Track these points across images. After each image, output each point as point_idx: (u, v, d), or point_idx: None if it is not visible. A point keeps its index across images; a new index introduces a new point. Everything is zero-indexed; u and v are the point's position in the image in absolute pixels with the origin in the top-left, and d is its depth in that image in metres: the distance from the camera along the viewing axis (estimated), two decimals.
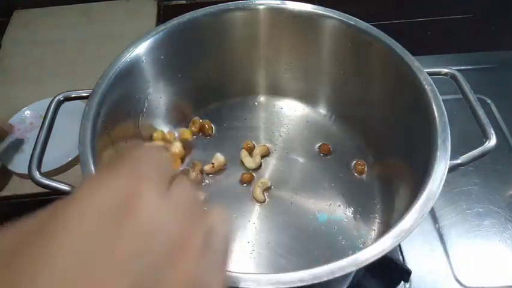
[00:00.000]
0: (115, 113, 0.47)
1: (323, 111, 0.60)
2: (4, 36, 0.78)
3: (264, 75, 0.60)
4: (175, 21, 0.52)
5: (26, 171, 0.40)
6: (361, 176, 0.53)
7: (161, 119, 0.56)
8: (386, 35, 0.49)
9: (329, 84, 0.58)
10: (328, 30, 0.53)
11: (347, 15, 0.51)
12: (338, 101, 0.58)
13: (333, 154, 0.56)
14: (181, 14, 0.52)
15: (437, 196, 0.36)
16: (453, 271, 0.49)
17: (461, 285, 0.48)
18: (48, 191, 0.39)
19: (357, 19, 0.51)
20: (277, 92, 0.61)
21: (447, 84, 0.46)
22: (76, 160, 0.59)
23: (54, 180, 0.39)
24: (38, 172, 0.39)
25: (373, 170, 0.54)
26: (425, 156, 0.40)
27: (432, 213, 0.53)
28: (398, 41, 0.48)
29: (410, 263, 0.49)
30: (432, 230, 0.52)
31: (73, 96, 0.46)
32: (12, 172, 0.59)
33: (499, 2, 0.82)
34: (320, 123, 0.59)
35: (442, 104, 0.42)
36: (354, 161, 0.54)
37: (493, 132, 0.41)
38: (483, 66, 0.70)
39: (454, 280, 0.48)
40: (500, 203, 0.54)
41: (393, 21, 0.80)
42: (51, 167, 0.57)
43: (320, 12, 0.52)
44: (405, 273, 0.46)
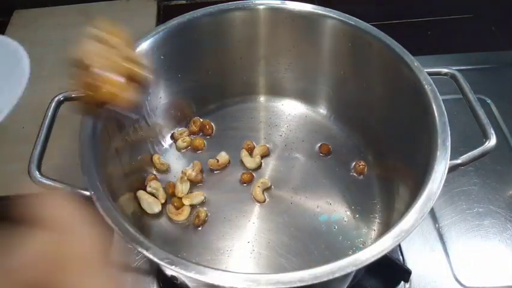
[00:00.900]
0: (115, 113, 0.47)
1: (323, 111, 0.60)
2: (4, 36, 0.78)
3: (264, 75, 0.60)
4: (175, 21, 0.52)
5: None
6: (361, 176, 0.53)
7: (162, 119, 0.56)
8: (386, 35, 0.49)
9: (329, 84, 0.58)
10: (328, 30, 0.53)
11: (347, 15, 0.51)
12: (338, 101, 0.58)
13: (333, 154, 0.56)
14: (181, 14, 0.52)
15: (437, 196, 0.36)
16: (453, 271, 0.49)
17: (461, 285, 0.48)
18: (48, 191, 0.39)
19: (357, 19, 0.51)
20: (277, 92, 0.61)
21: (447, 84, 0.46)
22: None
23: (55, 181, 0.39)
24: (38, 172, 0.39)
25: (373, 170, 0.54)
26: (425, 156, 0.40)
27: (432, 213, 0.53)
28: (398, 41, 0.48)
29: (410, 263, 0.49)
30: (432, 230, 0.52)
31: (73, 96, 0.46)
32: None
33: (499, 2, 0.82)
34: (320, 123, 0.59)
35: (442, 104, 0.43)
36: (354, 161, 0.54)
37: (493, 132, 0.41)
38: (483, 66, 0.70)
39: (454, 280, 0.48)
40: (500, 203, 0.54)
41: (393, 21, 0.80)
42: None
43: (320, 12, 0.52)
44: (405, 273, 0.46)
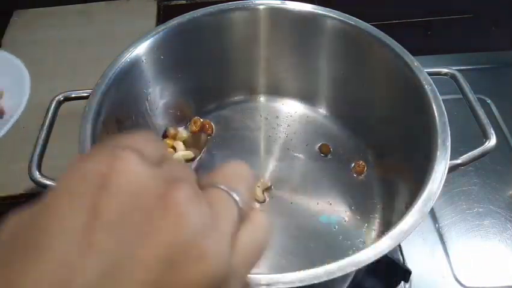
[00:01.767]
0: (115, 113, 0.47)
1: (323, 111, 0.60)
2: (4, 36, 0.78)
3: (264, 75, 0.60)
4: (175, 21, 0.52)
5: None
6: (361, 176, 0.53)
7: (162, 119, 0.56)
8: (386, 35, 0.49)
9: (329, 84, 0.58)
10: (328, 30, 0.53)
11: (347, 15, 0.51)
12: (338, 101, 0.58)
13: (333, 154, 0.56)
14: (181, 14, 0.52)
15: (437, 196, 0.36)
16: (453, 271, 0.49)
17: (461, 285, 0.48)
18: None
19: (357, 19, 0.51)
20: (277, 92, 0.61)
21: (447, 84, 0.46)
22: None
23: (55, 181, 0.39)
24: (38, 172, 0.39)
25: (373, 170, 0.54)
26: (425, 156, 0.40)
27: (432, 213, 0.53)
28: (398, 41, 0.48)
29: (410, 263, 0.49)
30: (432, 230, 0.52)
31: (73, 96, 0.46)
32: None
33: (499, 2, 0.82)
34: (320, 123, 0.59)
35: (442, 104, 0.43)
36: (355, 160, 0.54)
37: (493, 132, 0.41)
38: (483, 66, 0.70)
39: (454, 280, 0.48)
40: (500, 203, 0.54)
41: (393, 21, 0.80)
42: None
43: (320, 12, 0.52)
44: (405, 273, 0.46)
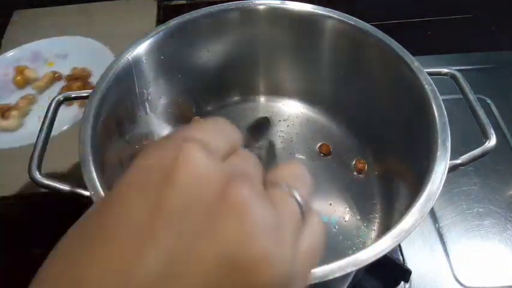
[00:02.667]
0: (115, 113, 0.47)
1: (323, 111, 0.60)
2: (4, 36, 0.78)
3: (264, 75, 0.60)
4: (175, 21, 0.52)
5: None
6: (361, 176, 0.53)
7: (162, 119, 0.56)
8: (386, 35, 0.49)
9: (329, 84, 0.58)
10: (328, 30, 0.53)
11: (347, 15, 0.51)
12: (338, 101, 0.58)
13: (333, 154, 0.56)
14: (181, 14, 0.52)
15: (437, 196, 0.36)
16: (453, 271, 0.49)
17: (461, 285, 0.48)
18: (48, 191, 0.39)
19: (357, 19, 0.51)
20: (277, 92, 0.61)
21: (447, 84, 0.46)
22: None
23: (55, 180, 0.39)
24: (38, 172, 0.39)
25: (373, 170, 0.54)
26: (425, 156, 0.40)
27: (432, 213, 0.53)
28: (398, 41, 0.48)
29: (410, 263, 0.49)
30: (432, 230, 0.52)
31: (73, 96, 0.46)
32: None
33: (499, 2, 0.82)
34: (320, 123, 0.59)
35: (442, 104, 0.42)
36: (355, 160, 0.54)
37: (493, 132, 0.41)
38: (483, 66, 0.70)
39: (454, 280, 0.48)
40: (500, 203, 0.54)
41: (393, 21, 0.80)
42: None
43: (320, 12, 0.52)
44: (405, 273, 0.46)
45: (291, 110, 0.61)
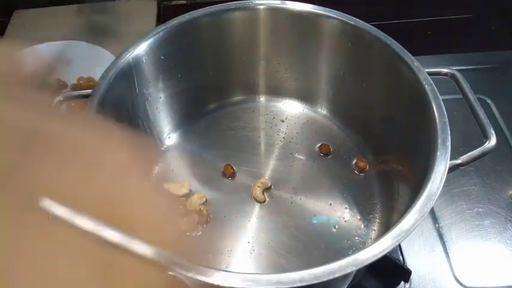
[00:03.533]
0: (115, 113, 0.47)
1: (323, 111, 0.60)
2: (4, 36, 0.78)
3: (264, 75, 0.60)
4: (175, 21, 0.52)
5: None
6: (362, 175, 0.53)
7: (161, 119, 0.56)
8: (386, 35, 0.49)
9: (329, 84, 0.58)
10: (328, 30, 0.53)
11: (347, 15, 0.51)
12: (338, 101, 0.58)
13: (333, 154, 0.56)
14: (181, 14, 0.52)
15: (437, 196, 0.36)
16: (453, 271, 0.49)
17: (461, 285, 0.48)
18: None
19: (357, 19, 0.51)
20: (277, 92, 0.61)
21: (447, 84, 0.46)
22: None
23: None
24: None
25: (373, 170, 0.54)
26: (425, 156, 0.40)
27: (432, 213, 0.53)
28: (398, 41, 0.48)
29: (410, 263, 0.49)
30: (432, 230, 0.52)
31: (73, 96, 0.46)
32: None
33: (499, 2, 0.82)
34: (320, 123, 0.59)
35: (442, 104, 0.42)
36: (355, 160, 0.54)
37: (493, 132, 0.41)
38: (483, 66, 0.70)
39: (454, 280, 0.48)
40: (500, 203, 0.54)
41: (393, 21, 0.80)
42: None
43: (320, 12, 0.52)
44: (405, 273, 0.46)
45: (291, 110, 0.61)
